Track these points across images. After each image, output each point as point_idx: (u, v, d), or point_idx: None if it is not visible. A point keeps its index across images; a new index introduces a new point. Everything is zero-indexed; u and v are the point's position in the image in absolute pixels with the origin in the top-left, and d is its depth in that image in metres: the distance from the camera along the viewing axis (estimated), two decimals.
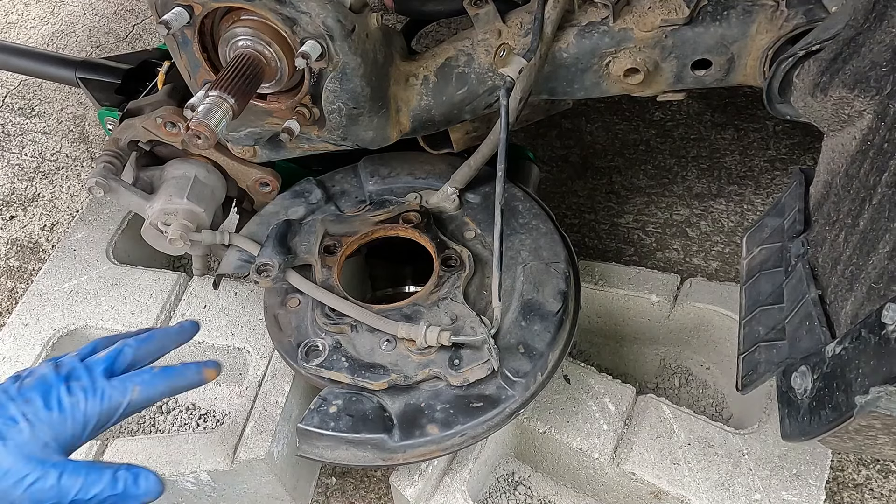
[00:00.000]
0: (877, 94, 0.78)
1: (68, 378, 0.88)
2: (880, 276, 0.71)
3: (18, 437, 0.82)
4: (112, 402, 0.89)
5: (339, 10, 1.02)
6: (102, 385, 0.89)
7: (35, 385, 0.87)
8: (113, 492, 0.85)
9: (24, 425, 0.83)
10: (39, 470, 0.81)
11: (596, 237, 1.78)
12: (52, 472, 0.82)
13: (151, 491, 0.88)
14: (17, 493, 0.80)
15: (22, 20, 2.65)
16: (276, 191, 1.35)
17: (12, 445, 0.81)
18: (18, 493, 0.80)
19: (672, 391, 1.46)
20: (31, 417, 0.83)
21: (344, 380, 1.06)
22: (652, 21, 1.08)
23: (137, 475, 0.87)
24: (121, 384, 0.91)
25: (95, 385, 0.89)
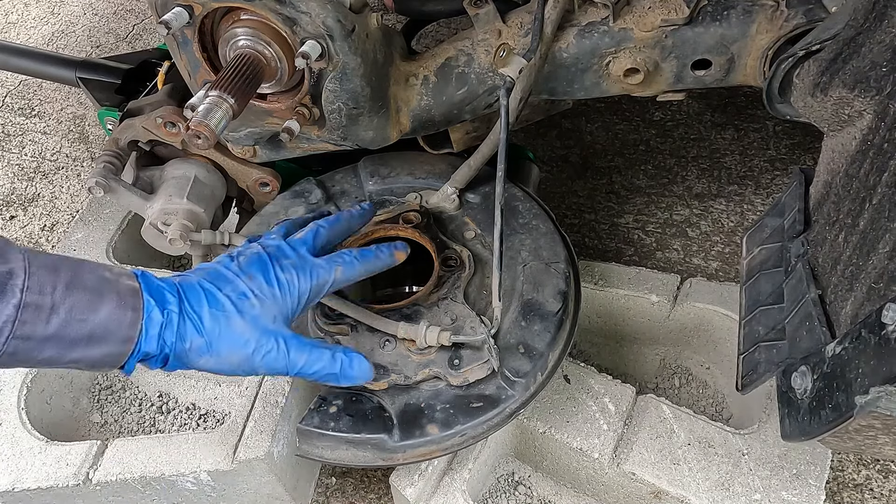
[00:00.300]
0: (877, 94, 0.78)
1: (279, 257, 0.94)
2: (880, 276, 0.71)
3: (252, 311, 0.88)
4: (320, 279, 0.95)
5: (339, 10, 1.02)
6: (311, 263, 0.95)
7: (252, 262, 0.92)
8: (331, 370, 0.93)
9: (254, 300, 0.88)
10: (273, 341, 0.88)
11: (596, 237, 1.78)
12: (282, 344, 0.89)
13: (363, 375, 0.95)
14: (257, 360, 0.88)
15: (22, 20, 2.65)
16: (276, 191, 1.35)
17: (249, 318, 0.87)
18: (257, 361, 0.88)
19: (672, 391, 1.46)
20: (257, 293, 0.89)
21: None
22: (652, 21, 1.08)
23: (352, 359, 0.94)
24: (327, 264, 0.97)
25: (305, 263, 0.95)
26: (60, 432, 1.37)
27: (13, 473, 1.23)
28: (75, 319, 0.75)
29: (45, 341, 0.74)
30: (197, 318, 0.85)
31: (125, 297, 0.81)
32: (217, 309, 0.86)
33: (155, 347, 0.82)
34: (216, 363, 0.87)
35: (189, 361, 0.86)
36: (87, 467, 1.22)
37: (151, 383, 1.52)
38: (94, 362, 0.80)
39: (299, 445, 1.06)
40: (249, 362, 0.88)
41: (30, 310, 0.72)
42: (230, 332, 0.86)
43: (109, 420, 1.48)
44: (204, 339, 0.85)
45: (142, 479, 1.22)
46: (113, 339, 0.79)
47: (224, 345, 0.86)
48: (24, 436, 1.27)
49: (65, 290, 0.75)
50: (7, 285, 0.71)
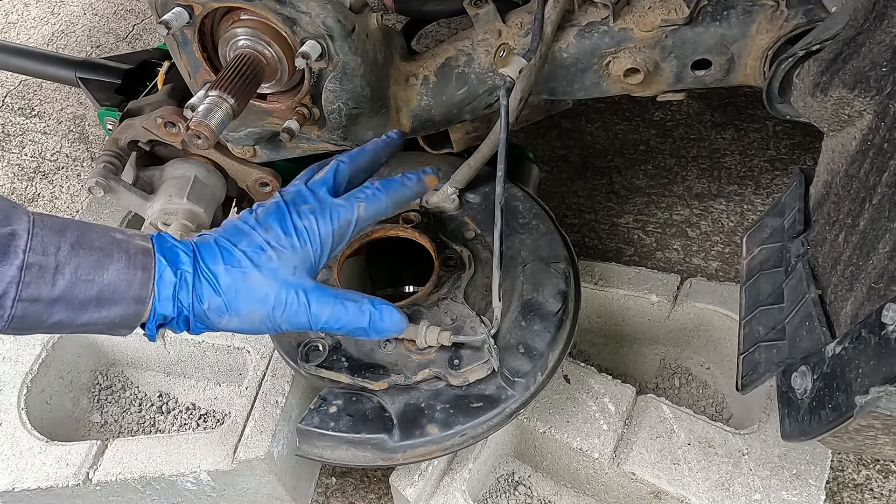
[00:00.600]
0: (877, 94, 0.78)
1: (296, 203, 0.88)
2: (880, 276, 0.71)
3: (269, 264, 0.83)
4: (342, 220, 0.89)
5: (339, 10, 1.02)
6: (330, 204, 0.89)
7: (269, 213, 0.87)
8: (359, 324, 0.87)
9: (271, 253, 0.84)
10: (293, 294, 0.84)
11: (596, 237, 1.78)
12: (303, 297, 0.84)
13: (395, 327, 0.90)
14: (278, 316, 0.84)
15: (22, 20, 2.65)
16: (275, 191, 1.35)
17: (266, 272, 0.83)
18: (279, 316, 0.84)
19: (672, 391, 1.46)
20: (274, 244, 0.84)
21: (344, 380, 1.06)
22: (652, 21, 1.08)
23: (382, 311, 0.89)
24: (347, 202, 0.90)
25: (323, 206, 0.88)
26: (60, 432, 1.37)
27: (13, 473, 1.23)
28: (81, 280, 0.74)
29: (53, 303, 0.73)
30: (212, 276, 0.81)
31: (135, 257, 0.78)
32: (233, 265, 0.82)
33: (171, 310, 0.80)
34: (238, 322, 0.83)
35: (210, 322, 0.83)
36: (87, 467, 1.23)
37: (151, 383, 1.52)
38: (110, 325, 0.78)
39: (299, 445, 1.06)
40: (271, 319, 0.84)
41: (33, 270, 0.71)
42: (248, 288, 0.82)
43: (109, 420, 1.48)
44: (221, 298, 0.81)
45: (142, 479, 1.22)
46: (123, 300, 0.77)
47: (243, 302, 0.82)
48: (24, 436, 1.27)
49: (70, 250, 0.73)
50: (10, 247, 0.70)
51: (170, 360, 1.47)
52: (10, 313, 0.71)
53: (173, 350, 1.44)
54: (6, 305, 0.70)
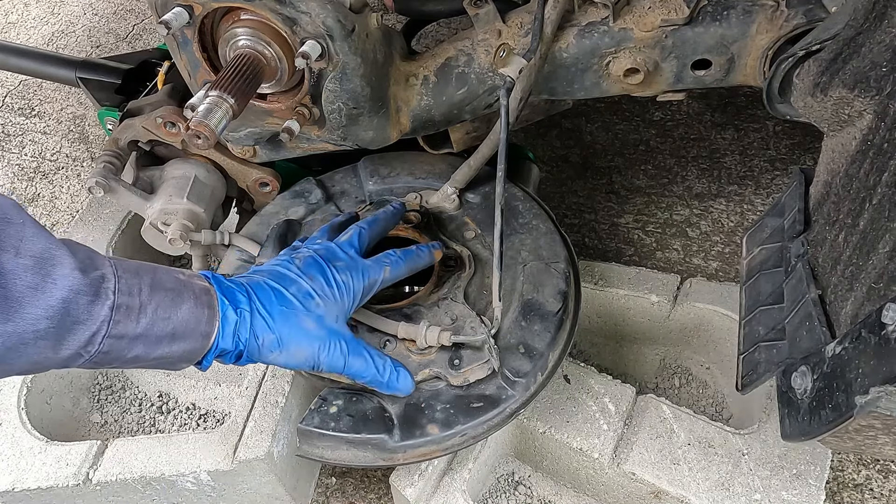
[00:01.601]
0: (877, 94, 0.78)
1: (332, 259, 0.99)
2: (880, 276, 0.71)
3: (318, 311, 0.94)
4: (371, 279, 1.01)
5: (339, 10, 1.02)
6: (363, 265, 1.01)
7: (310, 265, 0.97)
8: (381, 379, 0.98)
9: (318, 300, 0.94)
10: (336, 341, 0.94)
11: (596, 237, 1.78)
12: (344, 346, 0.95)
13: (406, 389, 1.01)
14: (322, 357, 0.94)
15: (22, 20, 2.65)
16: (276, 191, 1.35)
17: (314, 317, 0.93)
18: (322, 357, 0.94)
19: (672, 391, 1.46)
20: (320, 293, 0.95)
21: (344, 380, 1.06)
22: (652, 21, 1.08)
23: (399, 372, 1.00)
24: (376, 264, 1.03)
25: (357, 265, 1.01)
26: (60, 432, 1.37)
27: (13, 473, 1.23)
28: (160, 318, 0.80)
29: (135, 340, 0.78)
30: (268, 315, 0.90)
31: (200, 297, 0.85)
32: (286, 307, 0.91)
33: (230, 344, 0.87)
34: (285, 358, 0.92)
35: (261, 357, 0.90)
36: (87, 467, 1.22)
37: (151, 383, 1.52)
38: (176, 359, 0.84)
39: (299, 445, 1.06)
40: (314, 358, 0.93)
41: (122, 310, 0.77)
42: (299, 329, 0.91)
43: (109, 420, 1.48)
44: (275, 336, 0.89)
45: (142, 479, 1.22)
46: (193, 336, 0.84)
47: (293, 341, 0.91)
48: (24, 436, 1.27)
49: (150, 291, 0.80)
50: (100, 288, 0.75)
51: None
52: (98, 349, 0.76)
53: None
54: (96, 342, 0.75)
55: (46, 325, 0.70)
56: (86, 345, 0.75)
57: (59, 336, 0.72)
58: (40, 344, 0.71)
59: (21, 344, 0.69)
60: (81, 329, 0.73)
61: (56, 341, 0.72)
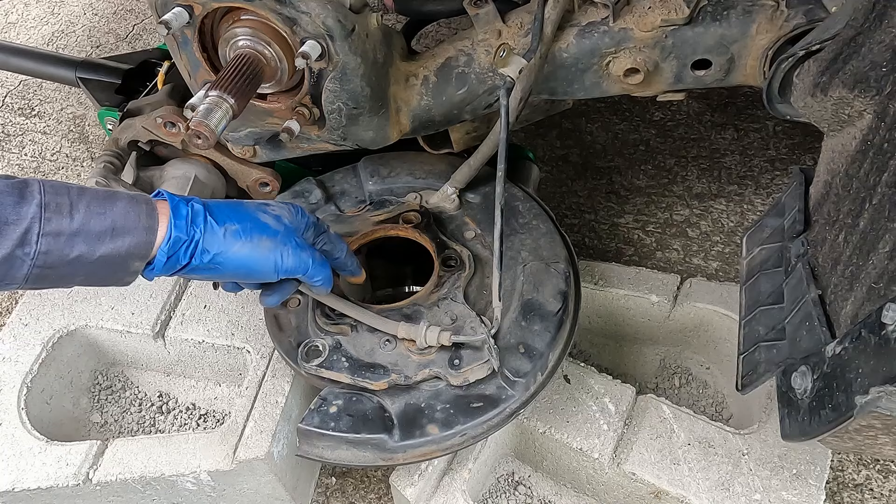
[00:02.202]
0: (877, 94, 0.78)
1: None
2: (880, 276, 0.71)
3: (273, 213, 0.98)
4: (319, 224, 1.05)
5: (339, 10, 1.02)
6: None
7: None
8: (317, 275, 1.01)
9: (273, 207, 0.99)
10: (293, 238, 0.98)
11: (596, 237, 1.78)
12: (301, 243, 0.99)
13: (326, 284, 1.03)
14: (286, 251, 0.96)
15: (22, 20, 2.65)
16: (276, 191, 1.35)
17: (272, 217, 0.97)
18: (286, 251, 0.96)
19: (672, 391, 1.46)
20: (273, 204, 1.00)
21: (344, 380, 1.06)
22: (652, 21, 1.08)
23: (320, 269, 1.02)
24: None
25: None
26: (60, 432, 1.37)
27: (13, 473, 1.23)
28: (95, 213, 0.81)
29: (74, 236, 0.79)
30: (228, 209, 0.93)
31: (135, 197, 0.87)
32: (244, 208, 0.96)
33: (185, 232, 0.88)
34: (249, 249, 0.92)
35: (223, 246, 0.91)
36: (87, 467, 1.22)
37: (151, 383, 1.52)
38: (124, 256, 0.84)
39: (299, 445, 1.06)
40: (278, 251, 0.95)
41: (51, 207, 0.78)
42: (259, 222, 0.95)
43: (109, 420, 1.48)
44: (238, 225, 0.92)
45: (142, 479, 1.22)
46: (136, 229, 0.84)
47: (256, 232, 0.93)
48: (24, 436, 1.27)
49: (78, 192, 0.82)
50: (25, 191, 0.77)
51: (170, 360, 1.47)
52: (36, 249, 0.77)
53: (173, 350, 1.44)
54: (31, 241, 0.76)
55: None
56: (21, 244, 0.75)
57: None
58: None
59: None
60: (11, 228, 0.75)
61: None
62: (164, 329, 1.41)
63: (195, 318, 1.41)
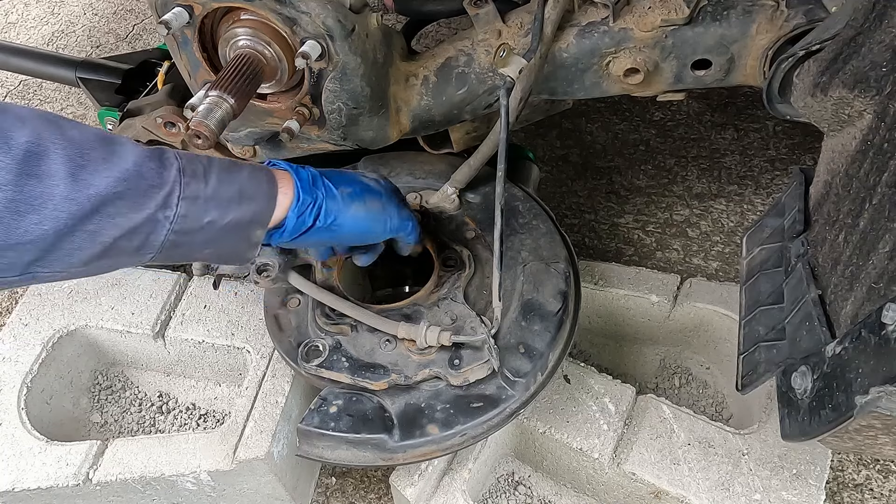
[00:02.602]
0: (877, 94, 0.78)
1: None
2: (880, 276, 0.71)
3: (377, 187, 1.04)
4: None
5: (339, 10, 1.02)
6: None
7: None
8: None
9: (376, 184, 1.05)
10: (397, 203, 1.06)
11: (596, 237, 1.78)
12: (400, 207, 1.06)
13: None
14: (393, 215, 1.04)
15: (22, 20, 2.65)
16: None
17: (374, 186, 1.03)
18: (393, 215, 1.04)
19: (672, 391, 1.46)
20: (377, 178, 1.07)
21: (344, 380, 1.06)
22: (652, 21, 1.08)
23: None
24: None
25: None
26: (60, 432, 1.37)
27: (13, 473, 1.23)
28: (225, 181, 0.84)
29: (208, 201, 0.82)
30: (336, 175, 0.98)
31: (255, 167, 0.90)
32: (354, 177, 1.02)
33: (311, 196, 0.92)
34: (366, 210, 0.99)
35: (344, 207, 0.96)
36: (87, 467, 1.22)
37: (151, 383, 1.52)
38: (248, 221, 0.87)
39: (299, 445, 1.06)
40: (386, 212, 1.02)
41: (188, 173, 0.81)
42: (366, 185, 1.02)
43: (109, 420, 1.48)
44: (350, 188, 0.98)
45: (142, 479, 1.22)
46: (260, 196, 0.88)
47: (369, 197, 1.00)
48: (24, 436, 1.27)
49: (208, 161, 0.85)
50: (163, 157, 0.80)
51: (170, 360, 1.47)
52: (176, 212, 0.79)
53: (173, 350, 1.44)
54: (172, 203, 0.79)
55: (124, 187, 0.74)
56: (163, 206, 0.78)
57: (136, 197, 0.76)
58: (119, 205, 0.74)
59: (103, 205, 0.73)
60: (155, 191, 0.77)
61: (134, 201, 0.75)
62: (164, 329, 1.41)
63: (195, 318, 1.41)
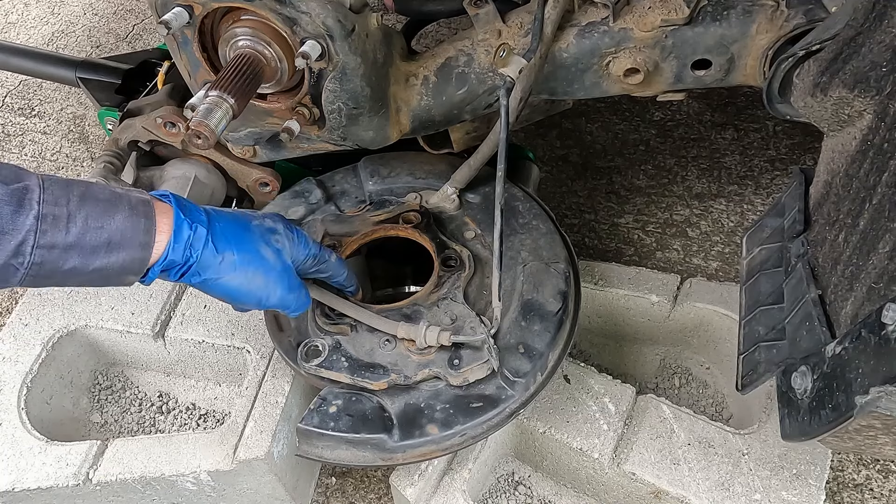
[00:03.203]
0: (877, 94, 0.78)
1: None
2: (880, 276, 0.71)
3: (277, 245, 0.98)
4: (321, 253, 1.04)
5: (339, 10, 1.02)
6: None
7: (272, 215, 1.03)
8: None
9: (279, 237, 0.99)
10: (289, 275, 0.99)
11: (596, 237, 1.78)
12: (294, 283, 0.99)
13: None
14: (277, 288, 0.97)
15: (22, 20, 2.65)
16: (276, 191, 1.35)
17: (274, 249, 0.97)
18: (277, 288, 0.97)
19: (672, 391, 1.46)
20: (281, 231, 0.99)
21: (344, 380, 1.06)
22: (652, 21, 1.08)
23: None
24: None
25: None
26: (60, 432, 1.37)
27: (13, 473, 1.23)
28: (92, 227, 0.80)
29: (68, 249, 0.78)
30: (231, 234, 0.92)
31: (137, 207, 0.85)
32: (249, 232, 0.94)
33: (181, 256, 0.87)
34: (240, 280, 0.92)
35: (217, 273, 0.91)
36: (87, 467, 1.22)
37: (151, 383, 1.52)
38: (117, 270, 0.84)
39: (299, 445, 1.06)
40: (268, 286, 0.95)
41: (48, 220, 0.77)
42: (258, 255, 0.94)
43: (109, 420, 1.48)
44: (235, 255, 0.91)
45: (142, 479, 1.22)
46: (131, 245, 0.83)
47: (252, 264, 0.93)
48: (24, 436, 1.27)
49: (79, 201, 0.80)
50: (24, 199, 0.75)
51: (170, 360, 1.47)
52: (30, 260, 0.76)
53: (173, 350, 1.44)
54: (25, 252, 0.76)
55: None
56: (14, 255, 0.75)
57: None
58: None
59: None
60: (7, 239, 0.74)
61: None
62: (164, 329, 1.41)
63: (195, 318, 1.41)
